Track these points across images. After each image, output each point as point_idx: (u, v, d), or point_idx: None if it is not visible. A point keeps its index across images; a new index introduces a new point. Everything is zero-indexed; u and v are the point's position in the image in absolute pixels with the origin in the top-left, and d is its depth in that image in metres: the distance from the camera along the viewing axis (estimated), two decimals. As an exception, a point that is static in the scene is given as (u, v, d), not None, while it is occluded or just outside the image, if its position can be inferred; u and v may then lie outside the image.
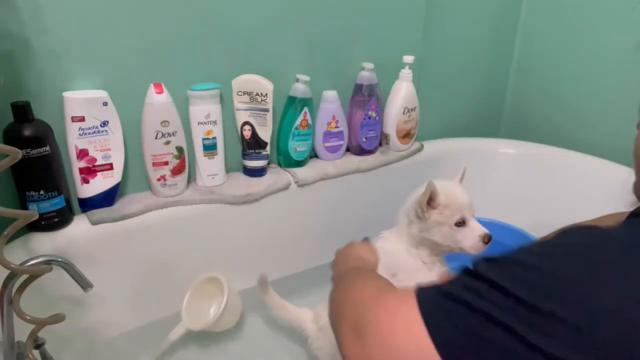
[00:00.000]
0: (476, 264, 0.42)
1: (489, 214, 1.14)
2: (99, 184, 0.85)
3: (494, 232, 1.13)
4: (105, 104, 0.81)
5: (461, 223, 0.72)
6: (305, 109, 1.02)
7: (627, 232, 0.41)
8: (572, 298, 0.36)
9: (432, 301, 0.42)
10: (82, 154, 0.82)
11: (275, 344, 0.94)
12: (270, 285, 0.90)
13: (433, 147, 1.24)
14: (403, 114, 1.12)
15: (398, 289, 0.48)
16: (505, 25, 1.31)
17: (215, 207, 0.95)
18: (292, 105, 1.01)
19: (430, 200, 0.72)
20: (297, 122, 1.02)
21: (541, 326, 0.36)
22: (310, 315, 0.86)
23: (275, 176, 1.02)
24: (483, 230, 0.73)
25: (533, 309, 0.36)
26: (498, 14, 1.28)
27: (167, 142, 0.88)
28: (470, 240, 0.72)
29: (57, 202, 0.80)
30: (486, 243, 0.72)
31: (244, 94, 0.95)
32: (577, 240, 0.41)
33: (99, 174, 0.84)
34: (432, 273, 0.75)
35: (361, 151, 1.13)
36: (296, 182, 1.03)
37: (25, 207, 0.78)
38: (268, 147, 1.00)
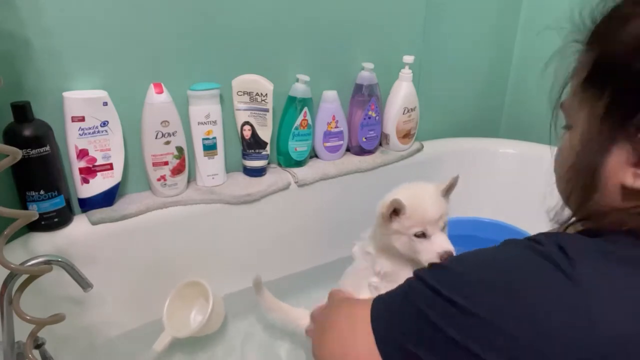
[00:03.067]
0: (419, 271, 0.46)
1: (489, 214, 1.15)
2: (99, 184, 0.85)
3: (494, 232, 1.13)
4: (105, 104, 0.81)
5: (421, 235, 0.69)
6: (305, 109, 1.02)
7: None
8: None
9: (380, 306, 0.47)
10: (82, 154, 0.82)
11: (263, 344, 0.94)
12: (267, 285, 0.90)
13: (433, 147, 1.24)
14: (403, 114, 1.12)
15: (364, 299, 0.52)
16: (505, 25, 1.31)
17: (215, 207, 0.95)
18: (292, 105, 1.01)
19: (396, 210, 0.69)
20: (297, 122, 1.02)
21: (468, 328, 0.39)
22: (308, 315, 0.85)
23: (275, 176, 1.02)
24: (444, 247, 0.68)
25: (469, 314, 0.39)
26: (498, 13, 1.28)
27: (167, 142, 0.88)
28: (428, 254, 0.69)
29: (57, 202, 0.80)
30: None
31: (244, 94, 0.95)
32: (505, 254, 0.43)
33: (99, 174, 0.84)
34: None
35: (361, 151, 1.13)
36: (296, 182, 1.03)
37: (25, 207, 0.78)
38: (268, 147, 1.00)
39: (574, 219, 0.46)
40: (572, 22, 0.45)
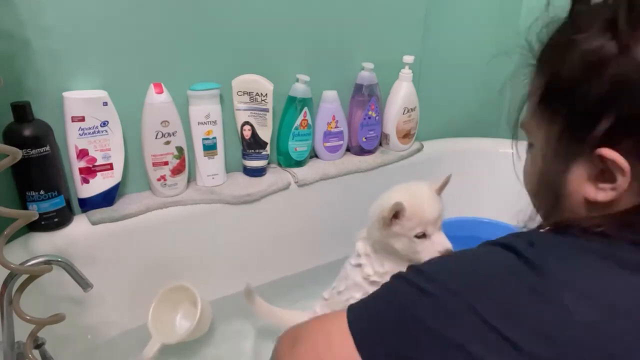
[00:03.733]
0: (403, 273, 0.46)
1: (489, 214, 1.14)
2: (99, 184, 0.85)
3: (494, 232, 1.13)
4: (105, 104, 0.81)
5: (421, 235, 0.70)
6: (305, 109, 1.02)
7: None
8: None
9: (357, 310, 0.46)
10: (82, 154, 0.82)
11: (250, 345, 0.94)
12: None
13: (433, 147, 1.24)
14: (403, 114, 1.12)
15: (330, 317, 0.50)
16: (505, 24, 1.31)
17: (215, 207, 0.95)
18: (292, 105, 1.01)
19: (396, 214, 0.70)
20: (297, 122, 1.02)
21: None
22: (303, 317, 0.84)
23: (275, 176, 1.02)
24: (445, 245, 0.70)
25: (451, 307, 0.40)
26: (498, 13, 1.28)
27: (167, 142, 0.88)
28: (429, 254, 0.70)
29: (57, 202, 0.80)
30: None
31: (244, 94, 0.95)
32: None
33: (99, 174, 0.84)
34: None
35: (361, 151, 1.13)
36: (296, 182, 1.03)
37: (25, 207, 0.78)
38: (268, 147, 1.00)
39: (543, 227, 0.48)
40: (525, 42, 0.47)
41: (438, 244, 0.70)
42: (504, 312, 0.37)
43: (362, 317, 0.45)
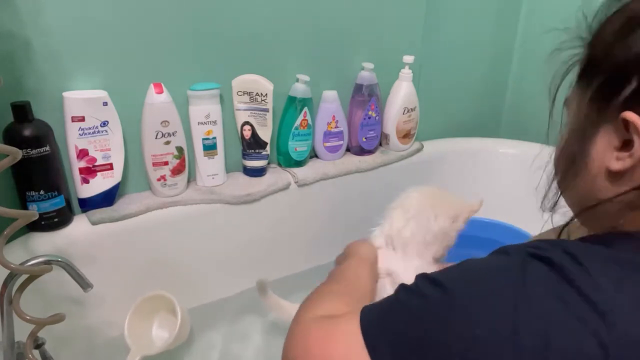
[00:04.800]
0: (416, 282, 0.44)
1: (489, 214, 1.14)
2: (99, 184, 0.85)
3: (494, 232, 1.13)
4: (105, 104, 0.81)
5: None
6: (305, 109, 1.02)
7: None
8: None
9: (372, 319, 0.44)
10: (82, 154, 0.82)
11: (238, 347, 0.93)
12: (269, 287, 0.89)
13: (433, 147, 1.24)
14: (403, 114, 1.12)
15: (347, 313, 0.48)
16: (505, 24, 1.31)
17: (215, 207, 0.95)
18: (292, 105, 1.01)
19: None
20: (297, 122, 1.02)
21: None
22: None
23: (275, 176, 1.02)
24: None
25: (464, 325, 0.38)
26: (498, 13, 1.28)
27: (167, 142, 0.88)
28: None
29: (57, 202, 0.80)
30: None
31: (244, 94, 0.95)
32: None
33: (99, 174, 0.84)
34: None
35: (361, 151, 1.13)
36: (296, 182, 1.03)
37: (25, 207, 0.78)
38: (268, 147, 1.00)
39: (560, 202, 0.49)
40: (576, 21, 0.47)
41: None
42: (535, 332, 0.34)
43: (374, 330, 0.43)
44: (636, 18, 0.40)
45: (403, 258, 0.73)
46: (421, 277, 0.44)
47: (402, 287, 0.45)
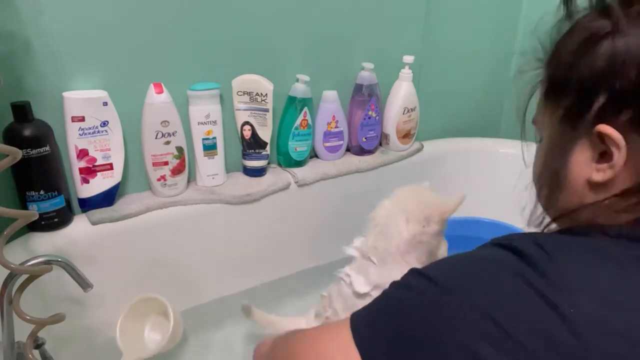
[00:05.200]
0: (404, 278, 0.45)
1: (490, 214, 1.14)
2: (99, 184, 0.85)
3: (494, 232, 1.13)
4: (105, 104, 0.81)
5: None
6: (305, 109, 1.02)
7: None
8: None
9: (361, 316, 0.45)
10: (82, 154, 0.82)
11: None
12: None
13: (433, 147, 1.24)
14: (403, 114, 1.12)
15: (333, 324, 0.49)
16: (505, 24, 1.31)
17: (215, 207, 0.95)
18: (292, 105, 1.01)
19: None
20: (297, 122, 1.02)
21: None
22: (302, 322, 0.83)
23: (275, 176, 1.02)
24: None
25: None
26: (498, 13, 1.28)
27: (167, 142, 0.88)
28: (443, 247, 0.75)
29: (57, 202, 0.80)
30: None
31: (244, 94, 0.95)
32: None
33: (99, 174, 0.84)
34: None
35: (361, 151, 1.13)
36: (296, 182, 1.03)
37: (25, 207, 0.78)
38: (268, 147, 1.00)
39: (547, 220, 0.50)
40: (535, 43, 0.50)
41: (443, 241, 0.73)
42: (507, 310, 0.37)
43: (365, 329, 0.44)
44: (592, 36, 0.41)
45: (382, 270, 0.72)
46: (409, 271, 0.45)
47: (392, 284, 0.46)
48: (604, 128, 0.40)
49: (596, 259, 0.38)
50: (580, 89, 0.41)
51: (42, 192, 0.78)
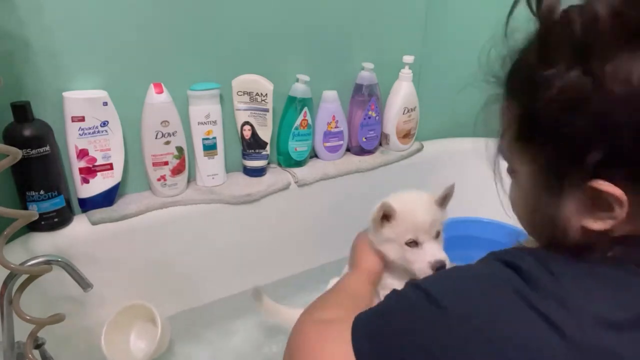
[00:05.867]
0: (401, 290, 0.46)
1: (489, 214, 1.14)
2: (99, 184, 0.85)
3: (494, 232, 1.13)
4: (105, 104, 0.81)
5: (412, 244, 0.67)
6: (305, 109, 1.02)
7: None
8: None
9: (362, 321, 0.46)
10: (82, 154, 0.82)
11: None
12: (267, 286, 0.89)
13: (433, 147, 1.24)
14: (403, 114, 1.12)
15: (343, 318, 0.49)
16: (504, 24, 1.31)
17: (215, 207, 0.95)
18: (292, 105, 1.01)
19: (387, 216, 0.68)
20: (297, 122, 1.02)
21: None
22: None
23: (275, 176, 1.02)
24: (436, 256, 0.66)
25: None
26: (498, 13, 1.28)
27: (167, 142, 0.88)
28: (419, 263, 0.66)
29: (57, 202, 0.80)
30: (437, 270, 0.66)
31: (244, 94, 0.95)
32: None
33: (99, 174, 0.84)
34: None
35: (361, 151, 1.13)
36: (296, 182, 1.03)
37: (25, 207, 0.78)
38: (268, 147, 1.00)
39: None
40: (484, 66, 0.47)
41: (429, 254, 0.66)
42: (504, 333, 0.37)
43: (365, 340, 0.44)
44: (578, 94, 0.36)
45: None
46: (409, 284, 0.45)
47: (393, 292, 0.46)
48: (602, 185, 0.36)
49: (596, 282, 0.38)
50: (569, 147, 0.37)
51: (42, 192, 0.78)
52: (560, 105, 0.37)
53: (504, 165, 0.51)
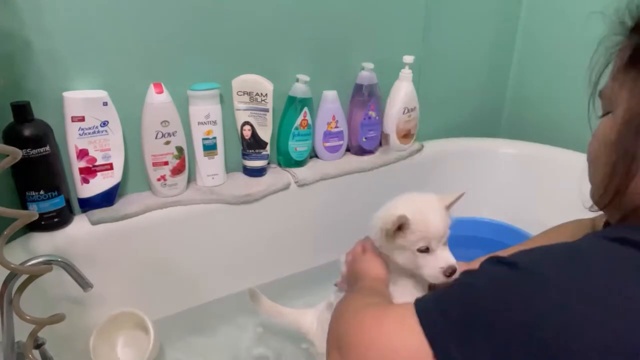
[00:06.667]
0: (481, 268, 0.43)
1: (489, 214, 1.15)
2: (99, 184, 0.85)
3: (494, 232, 1.13)
4: (105, 104, 0.81)
5: (424, 250, 0.67)
6: (305, 109, 1.02)
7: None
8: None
9: (428, 302, 0.43)
10: (82, 154, 0.82)
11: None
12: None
13: (433, 147, 1.24)
14: (403, 114, 1.12)
15: (391, 304, 0.47)
16: (505, 25, 1.31)
17: (215, 207, 0.94)
18: (292, 105, 1.01)
19: (400, 226, 0.67)
20: (297, 122, 1.02)
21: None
22: (310, 315, 0.83)
23: (275, 176, 1.02)
24: (448, 262, 0.66)
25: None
26: (498, 13, 1.28)
27: (167, 142, 0.88)
28: (431, 269, 0.66)
29: (57, 202, 0.80)
30: (448, 276, 0.65)
31: (244, 94, 0.95)
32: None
33: (99, 174, 0.84)
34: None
35: (361, 151, 1.13)
36: (296, 182, 1.03)
37: (25, 207, 0.78)
38: (268, 147, 1.00)
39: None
40: (615, 14, 0.45)
41: (441, 260, 0.66)
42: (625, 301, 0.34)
43: (435, 315, 0.41)
44: None
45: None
46: (488, 261, 0.42)
47: (463, 273, 0.44)
48: None
49: None
50: None
51: (42, 192, 0.78)
52: None
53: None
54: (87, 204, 0.86)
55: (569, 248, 0.40)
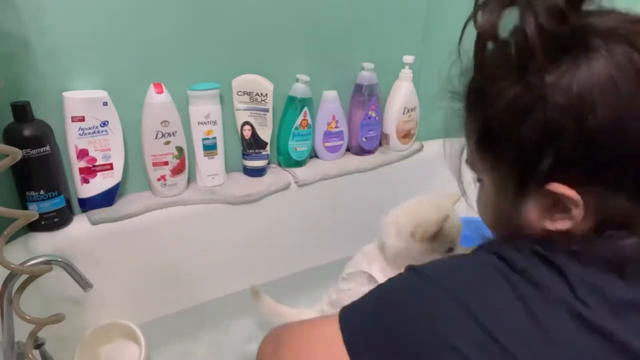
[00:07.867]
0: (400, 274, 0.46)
1: (489, 214, 1.14)
2: (99, 184, 0.85)
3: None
4: (105, 104, 0.81)
5: (449, 250, 0.70)
6: (305, 109, 1.02)
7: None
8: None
9: (350, 315, 0.45)
10: (82, 154, 0.82)
11: None
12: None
13: (433, 147, 1.24)
14: (403, 114, 1.12)
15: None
16: (504, 25, 1.31)
17: (215, 207, 0.95)
18: (292, 105, 1.01)
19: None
20: (297, 122, 1.02)
21: None
22: (310, 314, 0.84)
23: (275, 176, 1.02)
24: None
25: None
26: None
27: (167, 142, 0.88)
28: None
29: (57, 202, 0.80)
30: None
31: (244, 94, 0.95)
32: None
33: (99, 174, 0.84)
34: None
35: (361, 151, 1.13)
36: (296, 182, 1.03)
37: (25, 207, 0.78)
38: (268, 147, 1.00)
39: None
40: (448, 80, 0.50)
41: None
42: (494, 314, 0.38)
43: (354, 320, 0.44)
44: (519, 106, 0.39)
45: (386, 269, 0.73)
46: (405, 268, 0.46)
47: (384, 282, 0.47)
48: (557, 187, 0.38)
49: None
50: (523, 152, 0.40)
51: (42, 192, 0.78)
52: (509, 117, 0.40)
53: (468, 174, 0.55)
54: (87, 204, 0.86)
55: (461, 258, 0.46)
